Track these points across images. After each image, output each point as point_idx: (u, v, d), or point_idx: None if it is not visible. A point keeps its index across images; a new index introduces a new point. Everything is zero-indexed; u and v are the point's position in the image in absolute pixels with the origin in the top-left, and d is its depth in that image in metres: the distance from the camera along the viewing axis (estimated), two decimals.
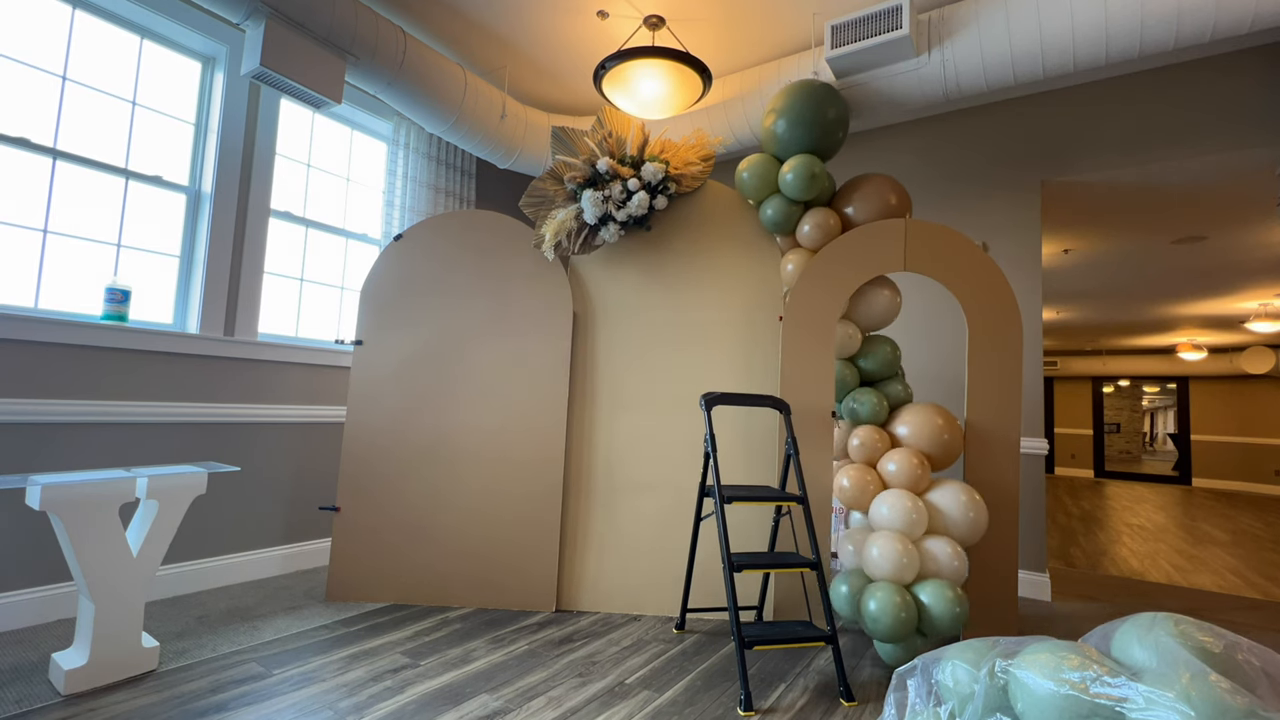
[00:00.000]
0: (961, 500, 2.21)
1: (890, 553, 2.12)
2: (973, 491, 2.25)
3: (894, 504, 2.20)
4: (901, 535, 2.16)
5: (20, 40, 2.35)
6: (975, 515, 2.20)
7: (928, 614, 2.06)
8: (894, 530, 2.17)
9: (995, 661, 1.21)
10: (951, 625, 2.04)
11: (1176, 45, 2.34)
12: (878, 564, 2.14)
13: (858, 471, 2.34)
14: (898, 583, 2.11)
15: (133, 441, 2.50)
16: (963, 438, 2.40)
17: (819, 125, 2.58)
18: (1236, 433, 9.74)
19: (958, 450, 2.39)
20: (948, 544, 2.15)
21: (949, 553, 2.14)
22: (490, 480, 2.72)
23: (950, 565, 2.13)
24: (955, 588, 2.09)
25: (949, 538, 2.19)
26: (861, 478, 2.31)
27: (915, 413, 2.41)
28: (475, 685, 1.92)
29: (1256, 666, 1.06)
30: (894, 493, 2.23)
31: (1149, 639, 1.12)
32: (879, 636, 2.09)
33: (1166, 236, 4.44)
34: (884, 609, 2.06)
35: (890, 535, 2.15)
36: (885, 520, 2.20)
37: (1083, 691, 1.06)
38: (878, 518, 2.23)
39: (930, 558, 2.15)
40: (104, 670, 1.80)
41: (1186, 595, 3.43)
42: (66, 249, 2.45)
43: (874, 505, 2.26)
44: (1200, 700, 0.95)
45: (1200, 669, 1.00)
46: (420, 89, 3.00)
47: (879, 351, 2.54)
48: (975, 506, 2.21)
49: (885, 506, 2.21)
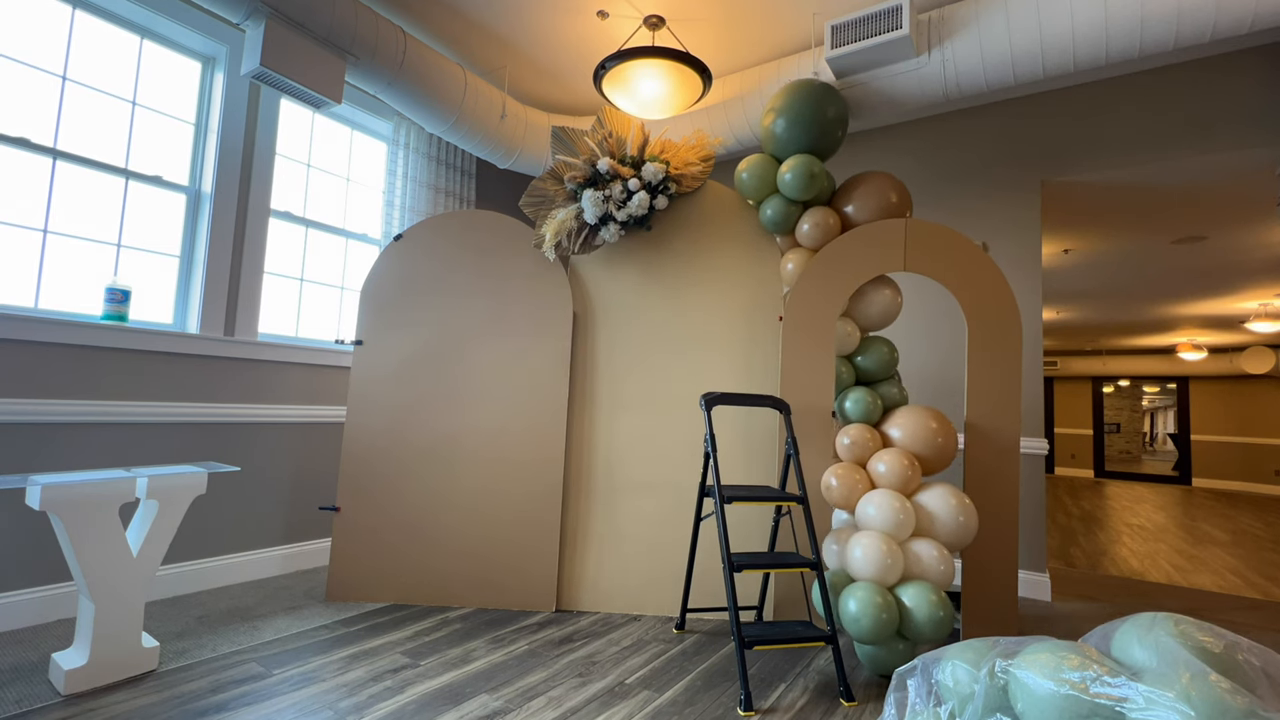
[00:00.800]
0: (951, 504, 2.17)
1: (874, 553, 2.07)
2: (962, 495, 2.21)
3: (881, 504, 2.15)
4: (887, 536, 2.11)
5: (20, 40, 2.35)
6: (965, 519, 2.16)
7: (910, 617, 2.02)
8: (879, 531, 2.13)
9: (995, 661, 1.21)
10: (934, 630, 2.00)
11: (1176, 45, 2.34)
12: (861, 565, 2.09)
13: (846, 470, 2.30)
14: (880, 584, 2.07)
15: (133, 441, 2.50)
16: (956, 441, 2.39)
17: (818, 125, 2.58)
18: (1236, 433, 9.74)
19: (951, 453, 2.37)
20: (934, 546, 2.11)
21: (935, 555, 2.10)
22: (490, 480, 2.72)
23: (936, 569, 2.08)
24: (939, 591, 2.04)
25: (936, 540, 2.16)
26: (850, 476, 2.28)
27: (909, 414, 2.40)
28: (475, 685, 1.92)
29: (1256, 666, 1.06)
30: (881, 493, 2.19)
31: (1149, 639, 1.12)
32: (859, 638, 2.04)
33: (1166, 236, 4.44)
34: (864, 609, 2.01)
35: (875, 535, 2.11)
36: (872, 520, 2.16)
37: (1083, 691, 1.06)
38: (864, 518, 2.19)
39: (915, 560, 2.11)
40: (104, 670, 1.80)
41: (1186, 595, 3.43)
42: (66, 249, 2.45)
43: (860, 504, 2.22)
44: (1200, 700, 0.95)
45: (1200, 669, 1.00)
46: (420, 89, 3.00)
47: (876, 351, 2.54)
48: (965, 510, 2.17)
49: (872, 506, 2.17)
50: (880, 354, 2.53)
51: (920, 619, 2.00)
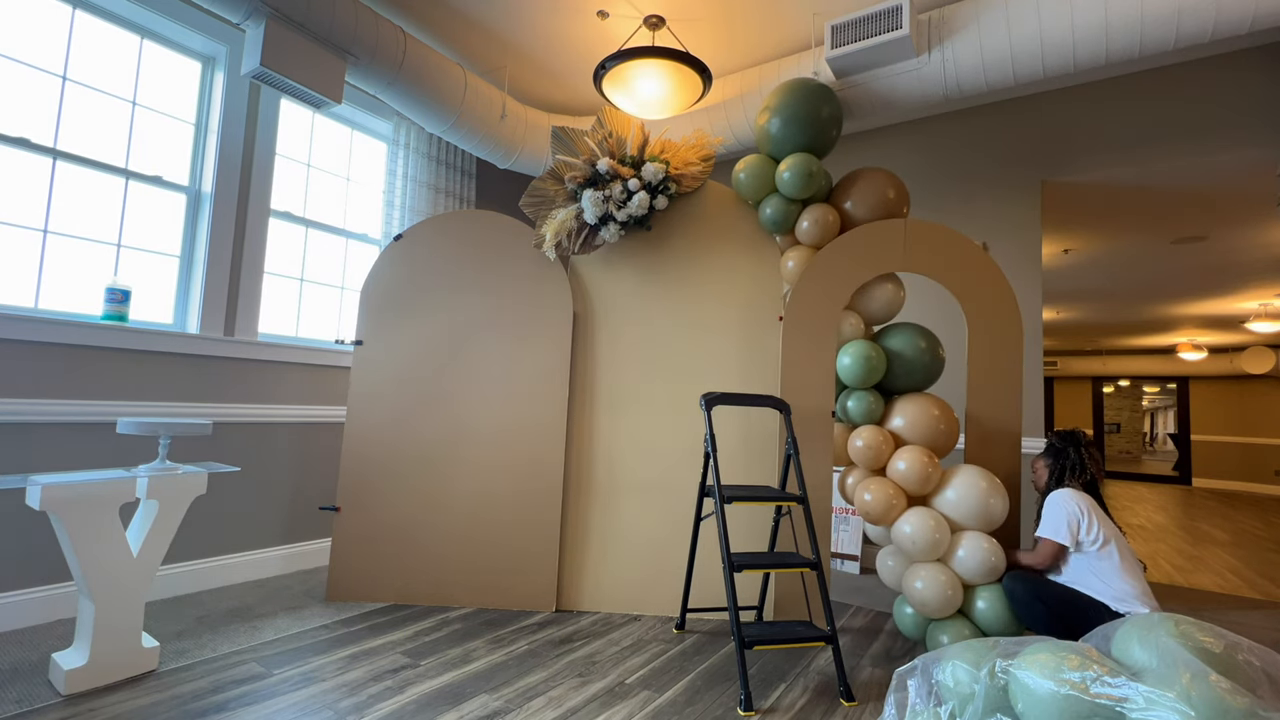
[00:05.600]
0: (982, 486, 2.22)
1: (935, 586, 2.16)
2: (992, 477, 2.24)
3: (916, 524, 2.20)
4: (940, 566, 2.19)
5: (20, 40, 2.34)
6: (996, 500, 2.21)
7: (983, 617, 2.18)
8: (926, 558, 2.20)
9: (996, 662, 1.21)
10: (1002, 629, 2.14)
11: (1176, 45, 2.34)
12: (924, 595, 2.17)
13: (881, 487, 2.28)
14: (951, 609, 2.17)
15: (133, 441, 2.49)
16: (958, 426, 2.41)
17: (814, 123, 2.58)
18: (1236, 433, 9.73)
19: (955, 437, 2.39)
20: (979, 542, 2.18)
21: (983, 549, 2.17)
22: (491, 480, 2.72)
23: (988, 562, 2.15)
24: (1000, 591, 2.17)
25: (979, 535, 2.20)
26: (885, 492, 2.27)
27: (910, 404, 2.40)
28: (475, 685, 1.92)
29: (1256, 666, 1.06)
30: (916, 513, 2.22)
31: (1149, 639, 1.12)
32: None
33: (1166, 236, 4.44)
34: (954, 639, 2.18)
35: (932, 569, 2.18)
36: (906, 541, 2.20)
37: (1083, 692, 1.06)
38: (899, 535, 2.23)
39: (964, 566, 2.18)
40: (104, 670, 1.80)
41: (1186, 595, 3.43)
42: (66, 249, 2.45)
43: (898, 524, 2.25)
44: (1200, 700, 0.95)
45: (1200, 669, 1.00)
46: (420, 89, 3.00)
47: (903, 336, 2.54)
48: (996, 491, 2.21)
49: (909, 525, 2.21)
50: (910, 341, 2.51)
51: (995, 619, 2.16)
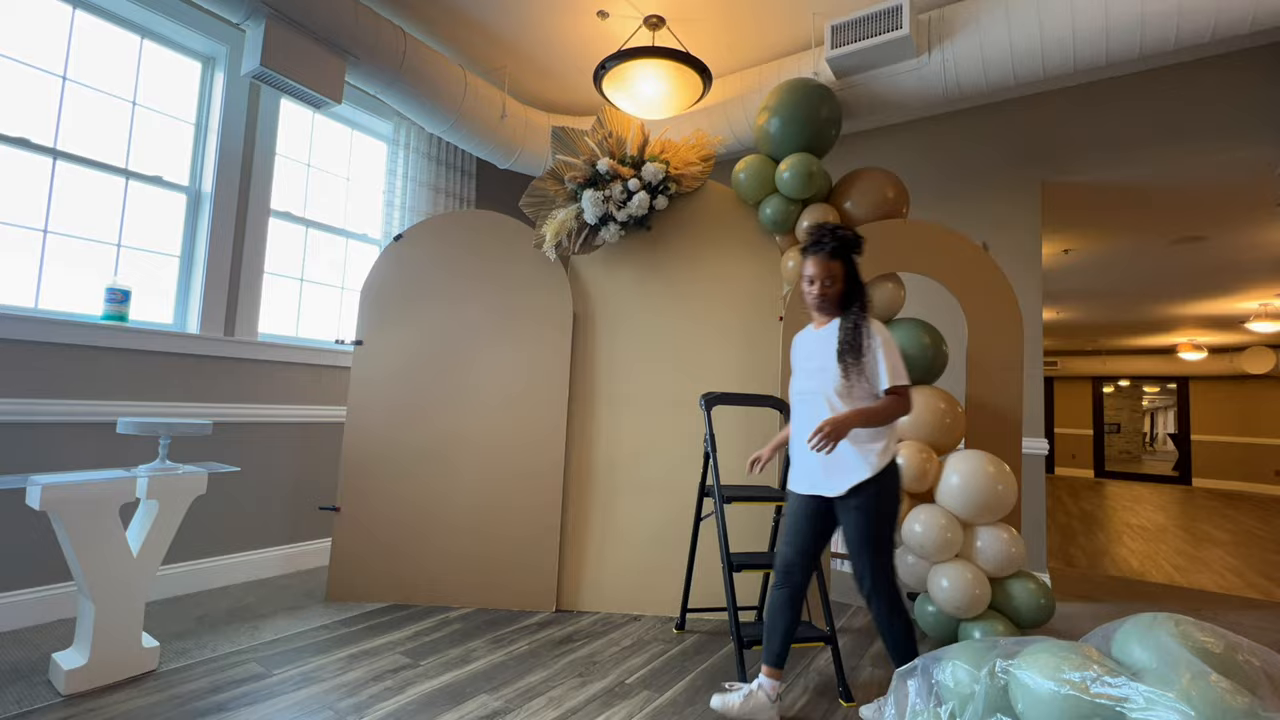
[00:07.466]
0: (989, 471, 2.17)
1: (961, 586, 2.12)
2: (1000, 463, 2.21)
3: (928, 522, 2.18)
4: (965, 563, 2.16)
5: (20, 40, 2.34)
6: (1004, 487, 2.17)
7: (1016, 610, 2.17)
8: (944, 556, 2.17)
9: (995, 662, 1.21)
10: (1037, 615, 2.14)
11: (1177, 45, 2.34)
12: (949, 596, 2.13)
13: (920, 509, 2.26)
14: (979, 609, 2.14)
15: (133, 441, 2.49)
16: (963, 418, 2.40)
17: (812, 123, 2.58)
18: (1237, 433, 9.73)
19: (960, 431, 2.38)
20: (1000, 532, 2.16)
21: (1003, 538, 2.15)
22: (491, 480, 2.72)
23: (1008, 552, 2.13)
24: (1037, 579, 2.17)
25: (997, 525, 2.19)
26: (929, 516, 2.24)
27: (915, 397, 2.39)
28: (475, 685, 1.92)
29: (1256, 666, 1.06)
30: (926, 509, 2.21)
31: (1149, 639, 1.12)
32: None
33: (1166, 236, 4.44)
34: None
35: (956, 568, 2.15)
36: (919, 543, 2.18)
37: (1083, 692, 1.06)
38: (909, 536, 2.22)
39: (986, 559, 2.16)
40: (104, 670, 1.80)
41: (1186, 595, 3.43)
42: (66, 249, 2.45)
43: (908, 521, 2.25)
44: (1200, 700, 0.95)
45: (1200, 669, 1.00)
46: (420, 89, 3.00)
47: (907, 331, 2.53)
48: (1003, 477, 2.18)
49: (919, 525, 2.20)
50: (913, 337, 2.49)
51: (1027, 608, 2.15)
